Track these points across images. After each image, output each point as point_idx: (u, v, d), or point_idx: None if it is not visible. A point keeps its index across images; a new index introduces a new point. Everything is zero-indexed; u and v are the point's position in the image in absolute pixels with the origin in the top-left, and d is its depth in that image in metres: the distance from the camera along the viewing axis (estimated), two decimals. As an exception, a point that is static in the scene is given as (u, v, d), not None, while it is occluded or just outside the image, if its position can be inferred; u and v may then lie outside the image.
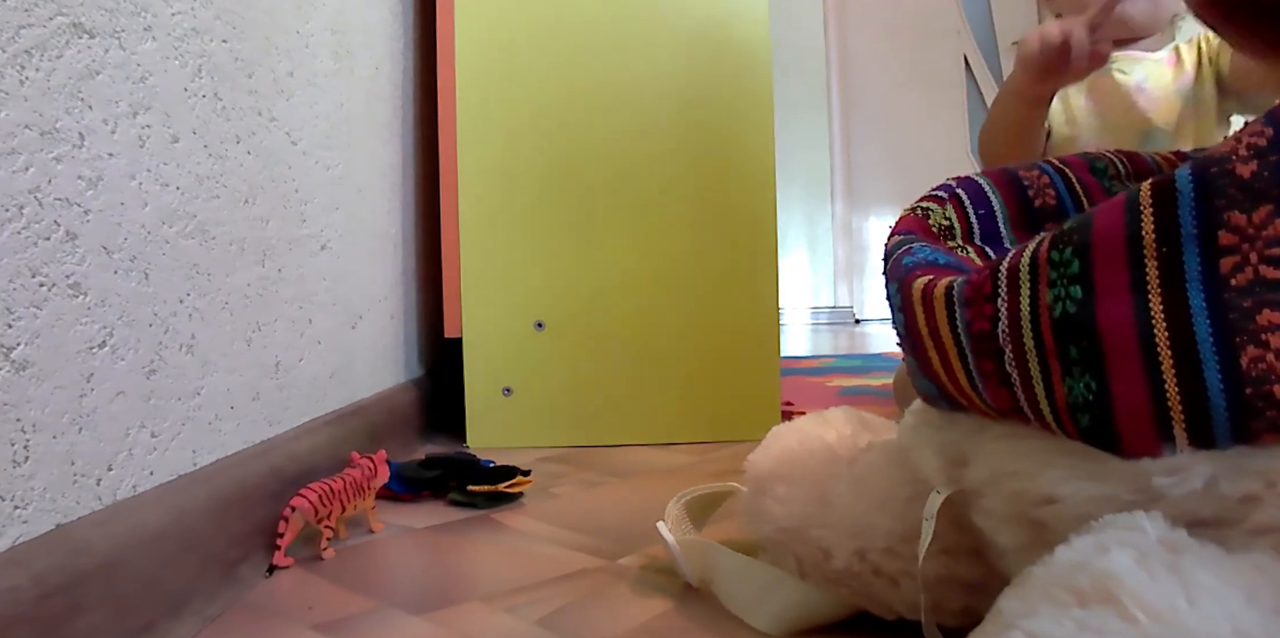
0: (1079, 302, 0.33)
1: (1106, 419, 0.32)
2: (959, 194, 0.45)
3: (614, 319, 1.09)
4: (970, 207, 0.45)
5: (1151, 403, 0.31)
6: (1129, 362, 0.32)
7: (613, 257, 1.09)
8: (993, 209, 0.45)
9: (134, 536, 0.47)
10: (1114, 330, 0.32)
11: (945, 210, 0.45)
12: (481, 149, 1.09)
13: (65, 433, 0.44)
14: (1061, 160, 0.46)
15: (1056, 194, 0.45)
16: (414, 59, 1.18)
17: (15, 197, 0.41)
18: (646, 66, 1.10)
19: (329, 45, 0.85)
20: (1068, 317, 0.33)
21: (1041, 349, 0.34)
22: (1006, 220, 0.45)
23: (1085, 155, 0.47)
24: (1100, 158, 0.46)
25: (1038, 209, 0.45)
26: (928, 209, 0.45)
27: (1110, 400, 0.32)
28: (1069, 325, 0.33)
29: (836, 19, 3.35)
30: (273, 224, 0.70)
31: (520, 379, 1.09)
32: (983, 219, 0.45)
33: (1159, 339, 0.31)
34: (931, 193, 0.46)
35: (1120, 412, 0.32)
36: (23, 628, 0.38)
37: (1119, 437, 0.32)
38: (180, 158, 0.56)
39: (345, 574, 0.61)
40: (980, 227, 0.45)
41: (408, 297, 1.13)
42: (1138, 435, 0.32)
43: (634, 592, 0.57)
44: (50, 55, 0.44)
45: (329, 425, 0.78)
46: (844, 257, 3.40)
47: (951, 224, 0.45)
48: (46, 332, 0.43)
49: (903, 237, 0.44)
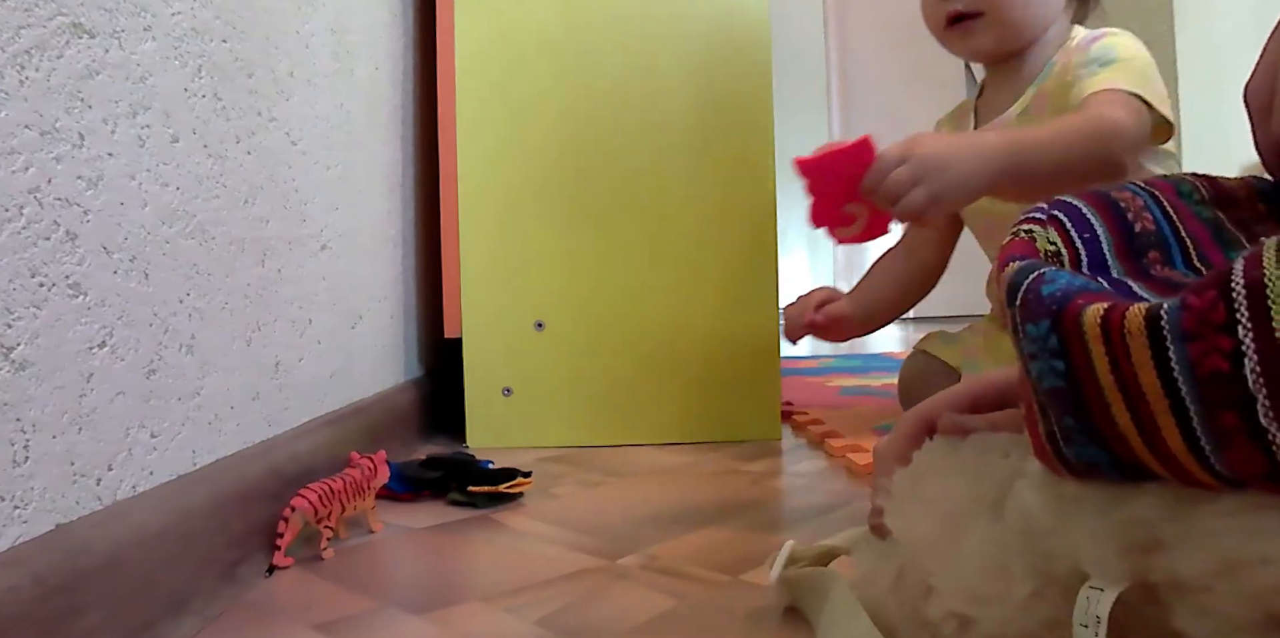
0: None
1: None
2: (1058, 216, 0.39)
3: (614, 319, 1.09)
4: (1073, 230, 0.39)
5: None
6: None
7: (613, 257, 1.09)
8: (1096, 234, 0.39)
9: (134, 536, 0.47)
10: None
11: (1049, 233, 0.38)
12: (481, 149, 1.09)
13: (65, 433, 0.44)
14: (1148, 182, 0.41)
15: (1153, 218, 0.39)
16: (414, 59, 1.18)
17: (15, 196, 0.41)
18: (647, 66, 1.10)
19: (329, 45, 0.85)
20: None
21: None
22: (1111, 247, 0.38)
23: (1168, 178, 0.42)
24: (1184, 181, 0.41)
25: (1138, 234, 0.39)
26: (1031, 232, 0.39)
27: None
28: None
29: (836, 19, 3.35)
30: (273, 224, 0.70)
31: (520, 379, 1.09)
32: (1088, 244, 0.38)
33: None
34: (1027, 215, 0.40)
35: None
36: (23, 628, 0.38)
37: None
38: (180, 158, 0.56)
39: (345, 574, 0.61)
40: (1087, 253, 0.38)
41: (408, 297, 1.13)
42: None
43: (634, 592, 0.57)
44: (50, 55, 0.44)
45: (329, 425, 0.78)
46: (844, 256, 3.40)
47: (1058, 249, 0.38)
48: (46, 332, 0.43)
49: (1024, 263, 0.35)
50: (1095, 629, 0.31)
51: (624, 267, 1.09)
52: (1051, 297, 0.32)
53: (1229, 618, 0.29)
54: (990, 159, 0.79)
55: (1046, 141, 0.83)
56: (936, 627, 0.39)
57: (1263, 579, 0.28)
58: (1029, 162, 0.81)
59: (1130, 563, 0.32)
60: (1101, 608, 0.32)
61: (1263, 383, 0.26)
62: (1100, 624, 0.31)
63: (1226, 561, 0.29)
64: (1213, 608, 0.29)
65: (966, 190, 0.79)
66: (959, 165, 0.77)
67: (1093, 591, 0.32)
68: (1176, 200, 0.40)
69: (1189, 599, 0.30)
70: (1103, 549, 0.32)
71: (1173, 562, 0.30)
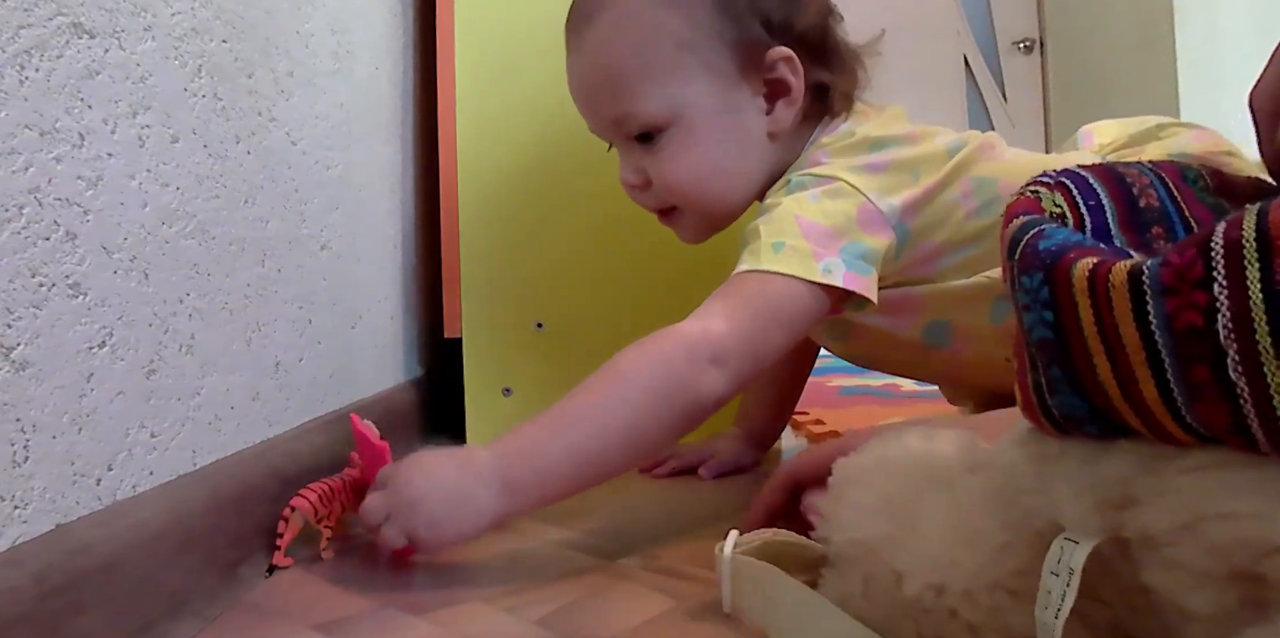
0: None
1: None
2: (1065, 183, 0.39)
3: (614, 319, 1.09)
4: (1079, 196, 0.39)
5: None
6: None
7: (613, 257, 1.09)
8: (1101, 202, 0.39)
9: (134, 536, 0.47)
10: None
11: (1054, 196, 0.38)
12: (481, 149, 1.09)
13: (65, 433, 0.44)
14: (1155, 164, 0.41)
15: (1158, 196, 0.39)
16: (414, 59, 1.18)
17: (15, 196, 0.41)
18: (646, 66, 1.10)
19: (329, 45, 0.85)
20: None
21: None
22: (1115, 217, 0.38)
23: (1176, 164, 0.42)
24: (1190, 167, 0.41)
25: (1143, 209, 0.39)
26: (1038, 192, 0.39)
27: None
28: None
29: (836, 19, 3.35)
30: (273, 224, 0.70)
31: (520, 379, 1.09)
32: (1092, 211, 0.38)
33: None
34: (1036, 178, 0.40)
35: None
36: (23, 628, 0.38)
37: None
38: (180, 158, 0.56)
39: (345, 574, 0.61)
40: (1091, 219, 0.38)
41: (408, 297, 1.13)
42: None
43: (634, 592, 0.57)
44: (50, 55, 0.44)
45: (329, 425, 0.78)
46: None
47: (1063, 212, 0.38)
48: (46, 332, 0.43)
49: (1026, 218, 0.36)
50: (1066, 579, 0.32)
51: (624, 267, 1.09)
52: (1047, 251, 0.33)
53: (1194, 572, 0.29)
54: (474, 485, 0.58)
55: (562, 433, 0.61)
56: (916, 604, 0.40)
57: (1226, 534, 0.28)
58: (541, 471, 0.59)
59: (1105, 518, 0.32)
60: (1075, 560, 0.32)
61: (1234, 339, 0.27)
62: (1073, 575, 0.32)
63: (1192, 515, 0.29)
64: (1179, 562, 0.30)
65: (454, 531, 0.58)
66: (431, 504, 0.57)
67: (1067, 542, 0.33)
68: (1181, 184, 0.40)
69: (1157, 554, 0.31)
70: (1079, 503, 0.33)
71: (1144, 517, 0.31)
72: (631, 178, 0.79)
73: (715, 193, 0.77)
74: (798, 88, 0.74)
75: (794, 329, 0.65)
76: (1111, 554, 0.32)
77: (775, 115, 0.75)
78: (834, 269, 0.65)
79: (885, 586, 0.42)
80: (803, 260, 0.65)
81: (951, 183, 0.72)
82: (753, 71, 0.74)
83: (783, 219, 0.67)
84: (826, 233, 0.66)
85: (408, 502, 0.57)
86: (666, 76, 0.72)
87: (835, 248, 0.66)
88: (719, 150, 0.74)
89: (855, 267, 0.66)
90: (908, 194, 0.70)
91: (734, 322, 0.63)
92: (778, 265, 0.65)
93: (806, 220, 0.67)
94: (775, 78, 0.74)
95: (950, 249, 0.72)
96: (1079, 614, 0.33)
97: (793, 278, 0.64)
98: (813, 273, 0.64)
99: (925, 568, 0.40)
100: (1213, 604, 0.29)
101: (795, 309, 0.65)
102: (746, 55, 0.73)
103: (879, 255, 0.68)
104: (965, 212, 0.72)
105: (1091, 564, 0.32)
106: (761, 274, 0.65)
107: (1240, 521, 0.28)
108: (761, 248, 0.66)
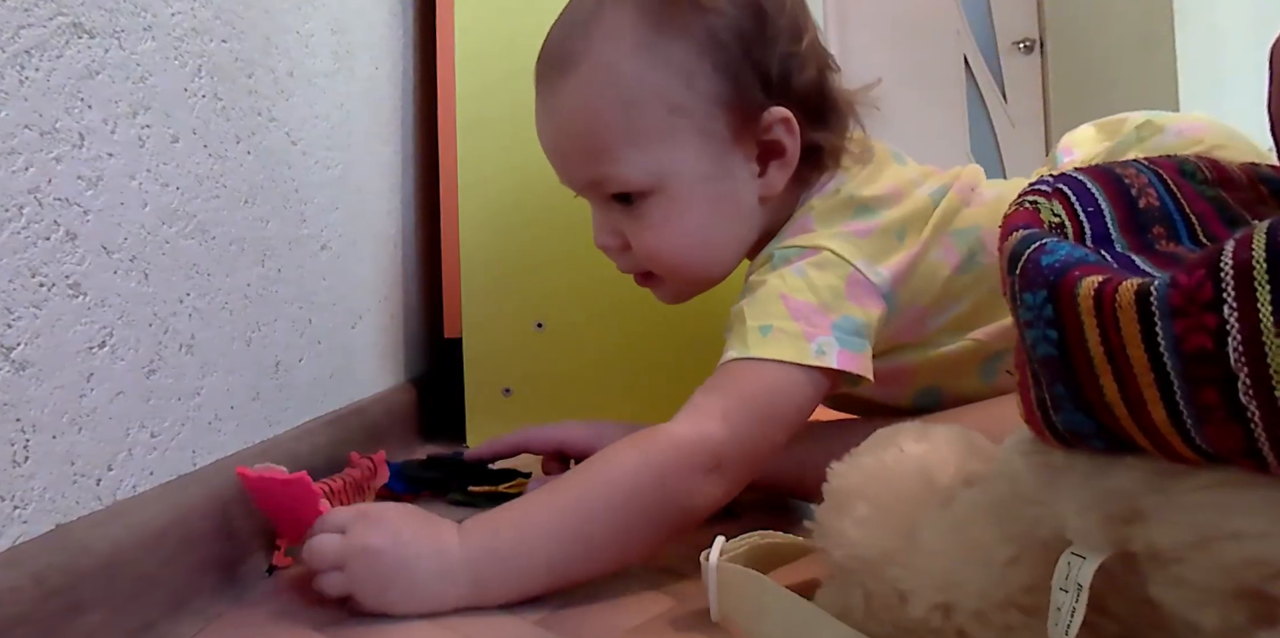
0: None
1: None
2: (1062, 189, 0.39)
3: (614, 319, 1.09)
4: (1078, 203, 0.38)
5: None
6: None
7: (613, 257, 1.09)
8: (1100, 208, 0.38)
9: (134, 536, 0.47)
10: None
11: (1053, 205, 0.38)
12: (481, 149, 1.09)
13: (65, 433, 0.44)
14: (1152, 161, 0.41)
15: (1157, 194, 0.39)
16: (414, 59, 1.18)
17: (15, 196, 0.41)
18: (646, 66, 1.09)
19: (329, 45, 0.85)
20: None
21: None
22: (1114, 221, 0.38)
23: (1172, 158, 0.41)
24: (1187, 161, 0.41)
25: (1143, 210, 0.38)
26: (1035, 203, 0.38)
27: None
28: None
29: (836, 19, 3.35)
30: (273, 224, 0.70)
31: (520, 379, 1.09)
32: (1091, 217, 0.38)
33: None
34: (1032, 187, 0.40)
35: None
36: (23, 628, 0.38)
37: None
38: (180, 158, 0.56)
39: (345, 574, 0.61)
40: (1091, 227, 0.38)
41: (408, 297, 1.13)
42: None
43: (634, 592, 0.57)
44: (50, 55, 0.44)
45: (329, 426, 0.78)
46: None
47: (1062, 221, 0.38)
48: (46, 332, 0.43)
49: (1026, 232, 0.35)
50: (1075, 595, 0.32)
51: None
52: (1050, 267, 0.33)
53: (1202, 589, 0.29)
54: (440, 582, 0.53)
55: (542, 539, 0.54)
56: (923, 625, 0.40)
57: (1234, 553, 0.28)
58: (516, 573, 0.54)
59: (1111, 533, 0.32)
60: (1084, 576, 0.32)
61: (1245, 362, 0.27)
62: (1081, 591, 0.32)
63: (1201, 534, 0.29)
64: (1187, 579, 0.30)
65: (405, 610, 0.52)
66: (392, 578, 0.52)
67: (1074, 557, 0.33)
68: (1180, 179, 0.40)
69: (1165, 570, 0.31)
70: (1086, 519, 0.33)
71: (1151, 533, 0.31)
72: (609, 241, 0.73)
73: (701, 264, 0.72)
74: (793, 150, 0.69)
75: (793, 426, 0.62)
76: (1119, 569, 0.32)
77: (768, 179, 0.69)
78: (827, 349, 0.61)
79: (888, 603, 0.41)
80: (794, 342, 0.61)
81: (935, 243, 0.69)
82: (748, 135, 0.68)
83: (767, 300, 0.64)
84: (815, 310, 0.63)
85: (366, 563, 0.52)
86: (654, 142, 0.66)
87: (826, 325, 0.62)
88: (707, 220, 0.69)
89: (849, 344, 0.62)
90: (895, 261, 0.67)
91: (732, 425, 0.58)
92: (768, 351, 0.61)
93: (793, 300, 0.63)
94: (771, 139, 0.68)
95: (937, 310, 0.70)
96: (1089, 627, 0.33)
97: (786, 364, 0.61)
98: (805, 356, 0.61)
99: (930, 588, 0.39)
100: (1221, 621, 0.29)
101: (793, 405, 0.61)
102: (742, 117, 0.67)
103: (871, 328, 0.64)
104: (950, 268, 0.69)
105: (1099, 579, 0.32)
106: (753, 362, 0.61)
107: (1249, 540, 0.28)
108: (748, 332, 0.62)
